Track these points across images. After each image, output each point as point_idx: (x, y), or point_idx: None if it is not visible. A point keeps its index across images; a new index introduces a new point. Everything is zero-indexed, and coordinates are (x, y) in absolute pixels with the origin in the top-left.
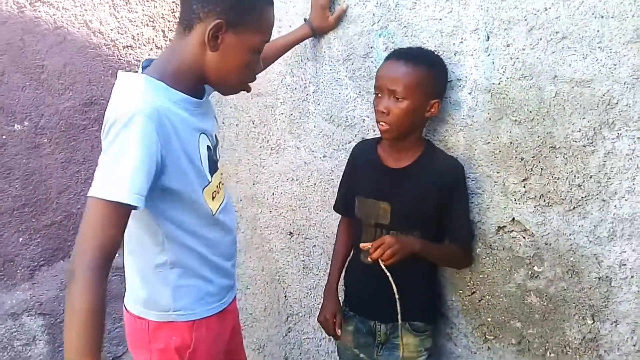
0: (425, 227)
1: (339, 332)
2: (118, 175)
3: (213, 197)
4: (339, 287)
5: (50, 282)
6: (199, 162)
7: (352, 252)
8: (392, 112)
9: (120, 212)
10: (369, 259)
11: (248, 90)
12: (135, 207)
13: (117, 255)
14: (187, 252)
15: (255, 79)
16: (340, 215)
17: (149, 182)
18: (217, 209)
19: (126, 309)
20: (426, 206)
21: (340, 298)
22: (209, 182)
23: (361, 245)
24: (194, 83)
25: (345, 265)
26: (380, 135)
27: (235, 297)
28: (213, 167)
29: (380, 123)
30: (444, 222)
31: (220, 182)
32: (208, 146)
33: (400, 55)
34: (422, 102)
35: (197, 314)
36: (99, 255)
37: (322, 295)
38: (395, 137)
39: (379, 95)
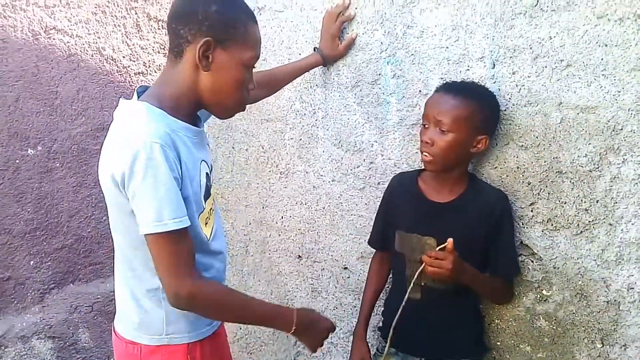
0: (471, 261)
1: None
2: (159, 207)
3: (206, 223)
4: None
5: (60, 305)
6: (199, 188)
7: (390, 288)
8: (436, 143)
9: (182, 235)
10: (425, 256)
11: (242, 109)
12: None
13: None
14: None
15: (249, 98)
16: (374, 250)
17: (182, 201)
18: (210, 235)
19: (116, 333)
20: (473, 240)
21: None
22: (203, 209)
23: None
24: (191, 109)
25: (377, 301)
26: (418, 168)
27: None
28: (207, 194)
29: (424, 154)
30: (489, 255)
31: (211, 208)
32: (207, 173)
33: (450, 87)
34: (469, 136)
35: (190, 337)
36: (191, 272)
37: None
38: (439, 169)
39: (426, 125)
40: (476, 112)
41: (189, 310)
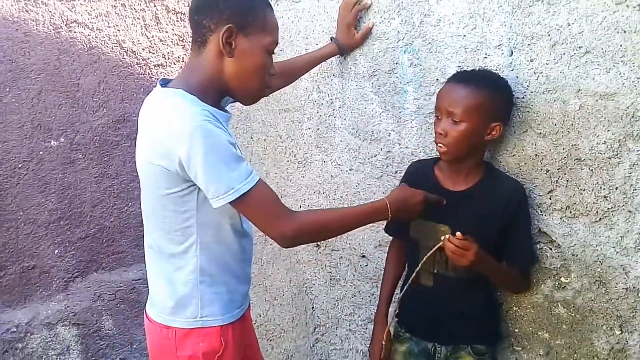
0: (486, 250)
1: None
2: (236, 169)
3: None
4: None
5: (84, 293)
6: None
7: (406, 274)
8: (449, 134)
9: (262, 184)
10: (446, 238)
11: (266, 94)
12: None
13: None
14: (215, 260)
15: (271, 82)
16: (391, 238)
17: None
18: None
19: (149, 318)
20: (489, 230)
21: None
22: None
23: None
24: (217, 96)
25: (396, 287)
26: (435, 157)
27: (249, 304)
28: None
29: (439, 145)
30: (505, 245)
31: None
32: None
33: (461, 77)
34: (482, 125)
35: (223, 319)
36: (282, 212)
37: (347, 306)
38: (454, 159)
39: (439, 116)
40: (487, 100)
41: (301, 243)
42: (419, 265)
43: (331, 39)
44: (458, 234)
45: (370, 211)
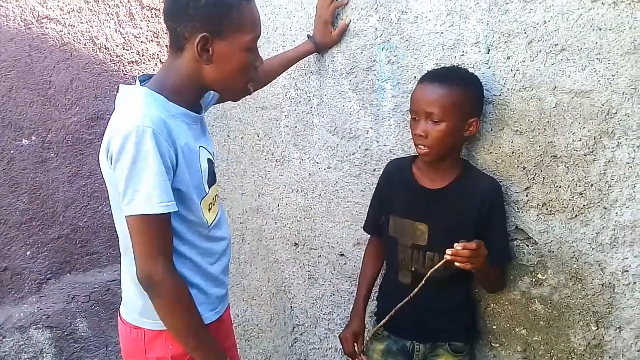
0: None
1: (362, 357)
2: (147, 190)
3: (209, 209)
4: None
5: (58, 295)
6: (199, 173)
7: (384, 272)
8: (430, 135)
9: (163, 221)
10: (450, 253)
11: (252, 90)
12: (168, 214)
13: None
14: (182, 262)
15: (258, 74)
16: (369, 235)
17: (170, 187)
18: (212, 221)
19: (122, 319)
20: (465, 227)
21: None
22: (206, 194)
23: (455, 246)
24: (194, 96)
25: (374, 284)
26: (413, 154)
27: (228, 306)
28: (212, 180)
29: (419, 146)
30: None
31: (216, 195)
32: (209, 159)
33: (434, 77)
34: (460, 122)
35: None
36: (167, 261)
37: (325, 305)
38: (436, 158)
39: (416, 118)
40: (463, 96)
41: (150, 295)
42: (423, 281)
43: (308, 37)
44: (463, 243)
45: (211, 354)
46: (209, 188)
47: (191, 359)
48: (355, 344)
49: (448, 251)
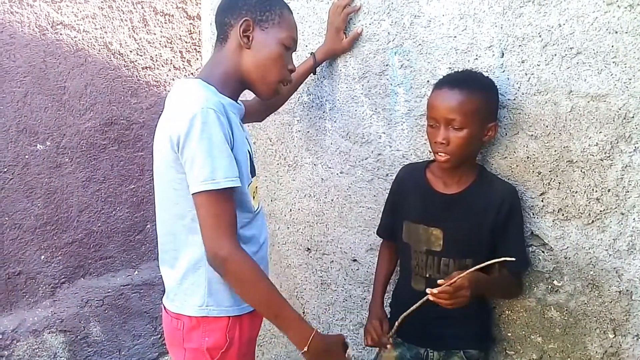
0: (478, 255)
1: (390, 341)
2: (215, 166)
3: (253, 197)
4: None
5: (72, 299)
6: (246, 160)
7: (398, 278)
8: (452, 142)
9: (230, 196)
10: (430, 293)
11: (283, 87)
12: (232, 190)
13: (135, 271)
14: None
15: (290, 78)
16: (382, 239)
17: (235, 163)
18: (257, 208)
19: (165, 308)
20: (481, 233)
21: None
22: (250, 182)
23: (439, 282)
24: (237, 88)
25: (389, 280)
26: (426, 159)
27: None
28: (253, 170)
29: (439, 154)
30: (498, 250)
31: (256, 186)
32: (248, 150)
33: (452, 82)
34: (480, 127)
35: (230, 311)
36: (233, 236)
37: (338, 311)
38: (457, 165)
39: (433, 125)
40: (483, 102)
41: (221, 273)
42: (401, 317)
43: (311, 54)
44: (440, 281)
45: (294, 321)
46: (252, 177)
47: (227, 351)
48: (382, 328)
49: (428, 290)
